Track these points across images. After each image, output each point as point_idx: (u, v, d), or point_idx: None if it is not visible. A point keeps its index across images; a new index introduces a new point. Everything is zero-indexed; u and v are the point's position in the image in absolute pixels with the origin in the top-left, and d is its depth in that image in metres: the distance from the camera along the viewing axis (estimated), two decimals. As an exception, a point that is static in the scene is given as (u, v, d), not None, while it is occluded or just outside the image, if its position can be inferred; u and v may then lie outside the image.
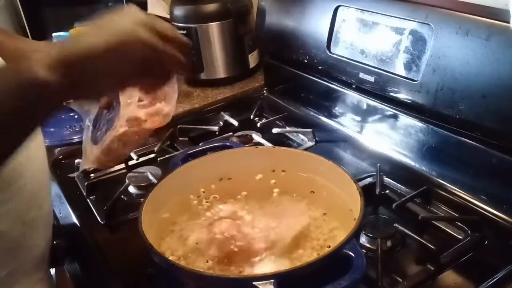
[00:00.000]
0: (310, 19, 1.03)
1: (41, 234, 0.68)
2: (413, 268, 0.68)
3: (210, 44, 1.24)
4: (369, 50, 0.90)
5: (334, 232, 0.65)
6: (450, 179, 0.81)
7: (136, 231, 0.58)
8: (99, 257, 0.75)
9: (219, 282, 0.55)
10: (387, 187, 0.83)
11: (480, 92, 0.72)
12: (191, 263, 0.61)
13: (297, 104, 1.13)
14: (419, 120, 0.85)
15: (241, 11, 1.26)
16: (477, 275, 0.65)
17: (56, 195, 0.90)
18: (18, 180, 0.59)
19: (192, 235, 0.66)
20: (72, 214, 0.85)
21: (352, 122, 1.00)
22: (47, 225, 0.69)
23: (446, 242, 0.70)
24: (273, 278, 0.50)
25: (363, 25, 0.91)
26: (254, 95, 1.24)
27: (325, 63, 1.00)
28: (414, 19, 0.81)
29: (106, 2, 1.58)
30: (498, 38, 0.69)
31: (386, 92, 0.88)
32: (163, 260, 0.56)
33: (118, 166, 0.98)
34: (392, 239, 0.71)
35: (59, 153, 1.03)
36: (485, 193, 0.76)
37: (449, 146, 0.80)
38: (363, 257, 0.53)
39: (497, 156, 0.73)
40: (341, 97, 1.01)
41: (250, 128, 1.08)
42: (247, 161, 0.75)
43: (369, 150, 0.94)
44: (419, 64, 0.81)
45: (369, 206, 0.79)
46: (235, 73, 1.30)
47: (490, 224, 0.73)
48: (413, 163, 0.86)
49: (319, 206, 0.70)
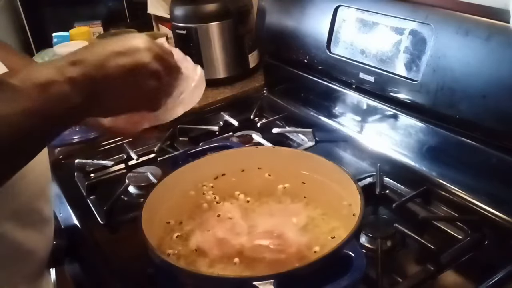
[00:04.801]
0: (310, 19, 1.03)
1: (42, 238, 0.67)
2: (413, 268, 0.68)
3: (210, 44, 1.24)
4: (369, 50, 0.90)
5: (334, 232, 0.65)
6: (450, 179, 0.81)
7: (136, 231, 0.58)
8: (99, 257, 0.75)
9: (219, 282, 0.55)
10: (387, 187, 0.83)
11: (480, 92, 0.72)
12: (191, 263, 0.61)
13: (297, 104, 1.13)
14: (419, 120, 0.85)
15: (241, 11, 1.26)
16: (477, 275, 0.65)
17: (56, 195, 0.90)
18: (19, 184, 0.59)
19: (192, 235, 0.66)
20: (72, 214, 0.85)
21: (352, 122, 1.00)
22: (47, 229, 0.69)
23: (446, 242, 0.70)
24: (273, 278, 0.50)
25: (363, 25, 0.91)
26: (254, 95, 1.24)
27: (325, 63, 1.00)
28: (414, 19, 0.81)
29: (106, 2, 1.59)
30: (498, 38, 0.69)
31: (386, 92, 0.88)
32: (163, 260, 0.56)
33: (118, 166, 0.98)
34: (392, 239, 0.71)
35: (59, 153, 1.03)
36: (485, 193, 0.76)
37: (449, 146, 0.80)
38: (363, 257, 0.53)
39: (497, 156, 0.73)
40: (341, 97, 1.01)
41: (250, 128, 1.08)
42: (247, 161, 0.75)
43: (369, 150, 0.94)
44: (419, 64, 0.81)
45: (369, 206, 0.79)
46: (235, 73, 1.30)
47: (490, 224, 0.73)
48: (413, 163, 0.86)
49: (319, 206, 0.70)
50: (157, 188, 0.68)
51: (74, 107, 0.49)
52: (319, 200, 0.70)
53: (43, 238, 0.67)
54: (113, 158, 0.99)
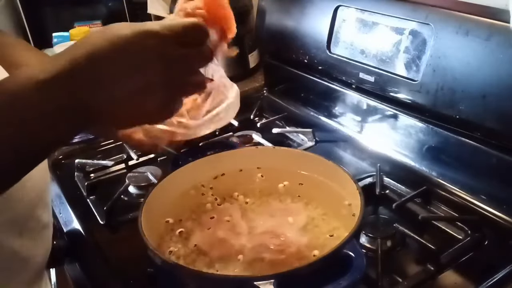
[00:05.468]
0: (310, 19, 1.03)
1: (39, 244, 0.65)
2: (413, 268, 0.68)
3: (210, 44, 1.24)
4: (369, 50, 0.90)
5: (334, 232, 0.65)
6: (450, 179, 0.81)
7: (136, 231, 0.58)
8: (99, 257, 0.75)
9: (219, 282, 0.55)
10: (387, 187, 0.83)
11: (480, 92, 0.72)
12: (191, 263, 0.61)
13: (297, 104, 1.13)
14: (419, 120, 0.85)
15: (241, 11, 1.26)
16: (477, 275, 0.65)
17: (56, 195, 0.90)
18: (16, 192, 0.54)
19: (192, 235, 0.66)
20: (72, 214, 0.85)
21: (352, 122, 1.00)
22: (46, 234, 0.66)
23: (446, 242, 0.70)
24: (273, 278, 0.50)
25: (363, 25, 0.91)
26: (254, 95, 1.24)
27: (325, 63, 1.00)
28: (414, 19, 0.81)
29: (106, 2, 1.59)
30: (498, 38, 0.69)
31: (386, 92, 0.88)
32: (163, 260, 0.56)
33: (118, 166, 0.98)
34: (392, 239, 0.71)
35: (59, 153, 1.03)
36: (485, 193, 0.76)
37: (449, 146, 0.80)
38: (363, 257, 0.53)
39: (497, 156, 0.73)
40: (341, 97, 1.01)
41: (250, 128, 1.08)
42: (247, 161, 0.75)
43: (369, 150, 0.94)
44: (419, 64, 0.81)
45: (369, 206, 0.79)
46: (235, 73, 1.29)
47: (490, 224, 0.73)
48: (413, 163, 0.86)
49: (319, 206, 0.70)
50: (157, 188, 0.68)
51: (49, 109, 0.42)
52: (319, 200, 0.70)
53: (41, 244, 0.65)
54: (113, 158, 0.99)
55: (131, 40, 0.44)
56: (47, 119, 0.42)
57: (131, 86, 0.44)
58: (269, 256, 0.61)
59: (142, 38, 0.44)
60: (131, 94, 0.45)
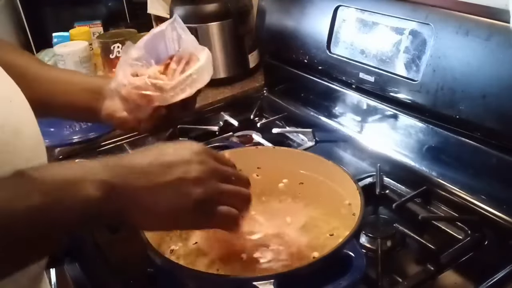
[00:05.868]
0: (310, 19, 1.03)
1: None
2: (413, 268, 0.68)
3: (210, 44, 1.24)
4: (369, 50, 0.90)
5: (334, 232, 0.65)
6: (450, 179, 0.81)
7: (136, 231, 0.58)
8: (99, 257, 0.75)
9: (219, 282, 0.55)
10: (387, 187, 0.83)
11: (480, 92, 0.72)
12: (191, 263, 0.61)
13: (297, 104, 1.13)
14: (419, 120, 0.85)
15: (241, 11, 1.26)
16: (477, 275, 0.65)
17: (56, 195, 0.90)
18: None
19: (192, 235, 0.66)
20: (72, 214, 0.84)
21: (352, 122, 1.00)
22: None
23: (446, 242, 0.70)
24: (273, 278, 0.50)
25: (363, 25, 0.91)
26: (254, 95, 1.24)
27: (325, 63, 1.00)
28: (414, 19, 0.81)
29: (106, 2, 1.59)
30: (498, 38, 0.69)
31: (386, 92, 0.88)
32: (163, 260, 0.56)
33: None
34: (392, 239, 0.71)
35: (59, 153, 1.03)
36: (485, 193, 0.76)
37: (449, 146, 0.80)
38: (363, 257, 0.53)
39: (497, 156, 0.73)
40: (341, 97, 1.01)
41: (250, 128, 1.08)
42: (247, 161, 0.75)
43: (369, 150, 0.94)
44: (419, 64, 0.81)
45: (369, 206, 0.79)
46: (235, 73, 1.30)
47: (490, 224, 0.73)
48: (413, 163, 0.86)
49: (319, 206, 0.70)
50: (157, 188, 0.67)
51: (92, 213, 0.44)
52: (319, 200, 0.70)
53: None
54: (113, 158, 0.99)
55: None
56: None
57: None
58: (269, 256, 0.61)
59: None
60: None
